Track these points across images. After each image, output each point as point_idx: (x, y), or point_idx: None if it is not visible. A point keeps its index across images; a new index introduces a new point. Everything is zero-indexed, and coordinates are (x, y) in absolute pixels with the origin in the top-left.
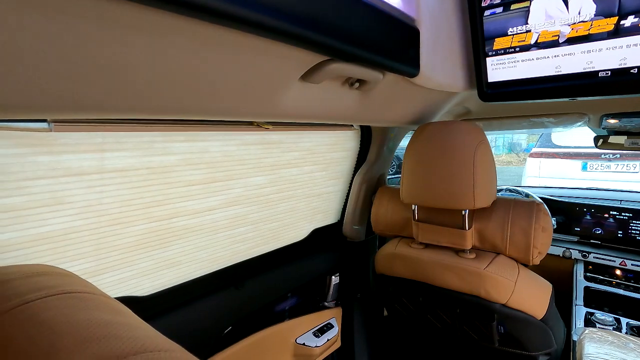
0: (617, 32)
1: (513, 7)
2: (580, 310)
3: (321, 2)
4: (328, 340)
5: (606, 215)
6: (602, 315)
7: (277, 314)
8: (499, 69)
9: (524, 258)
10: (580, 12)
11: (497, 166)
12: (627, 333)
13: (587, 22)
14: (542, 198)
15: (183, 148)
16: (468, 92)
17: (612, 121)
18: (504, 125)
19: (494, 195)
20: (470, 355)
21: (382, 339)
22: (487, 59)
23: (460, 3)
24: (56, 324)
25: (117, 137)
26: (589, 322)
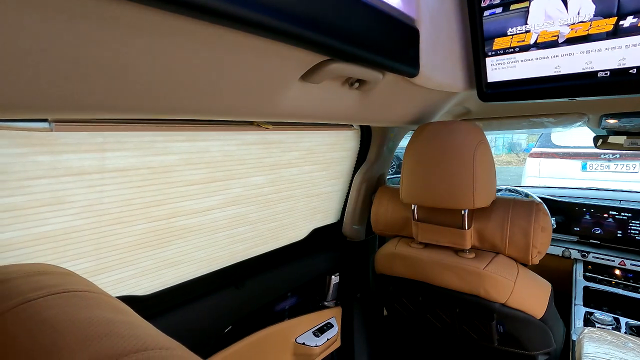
0: (616, 32)
1: (512, 7)
2: (579, 310)
3: (321, 2)
4: (328, 339)
5: (605, 215)
6: (601, 315)
7: (277, 314)
8: (499, 69)
9: (523, 258)
10: (580, 13)
11: (497, 166)
12: (626, 333)
13: (586, 23)
14: (542, 198)
15: (183, 148)
16: (468, 92)
17: (611, 121)
18: (503, 125)
19: (494, 195)
20: (469, 355)
21: (381, 338)
22: (487, 59)
23: (460, 3)
24: (58, 322)
25: (117, 136)
26: (588, 322)
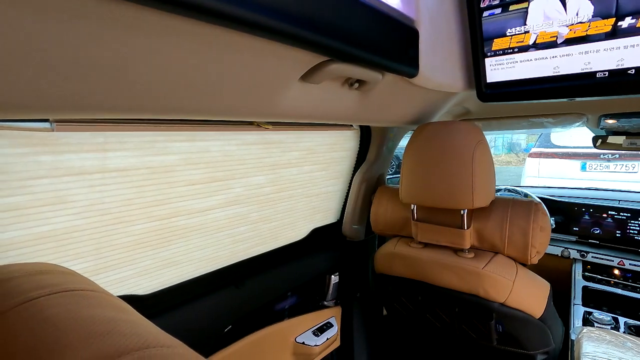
0: (615, 33)
1: (512, 8)
2: (578, 310)
3: (321, 3)
4: (327, 339)
5: (605, 215)
6: (600, 315)
7: (277, 313)
8: (498, 70)
9: (522, 257)
10: (578, 14)
11: (496, 166)
12: (625, 332)
13: (585, 23)
14: (541, 198)
15: (184, 148)
16: (467, 93)
17: (610, 121)
18: (503, 126)
19: (493, 195)
20: (468, 354)
21: (381, 338)
22: (486, 59)
23: (459, 4)
24: (60, 320)
25: (118, 136)
26: (587, 322)
